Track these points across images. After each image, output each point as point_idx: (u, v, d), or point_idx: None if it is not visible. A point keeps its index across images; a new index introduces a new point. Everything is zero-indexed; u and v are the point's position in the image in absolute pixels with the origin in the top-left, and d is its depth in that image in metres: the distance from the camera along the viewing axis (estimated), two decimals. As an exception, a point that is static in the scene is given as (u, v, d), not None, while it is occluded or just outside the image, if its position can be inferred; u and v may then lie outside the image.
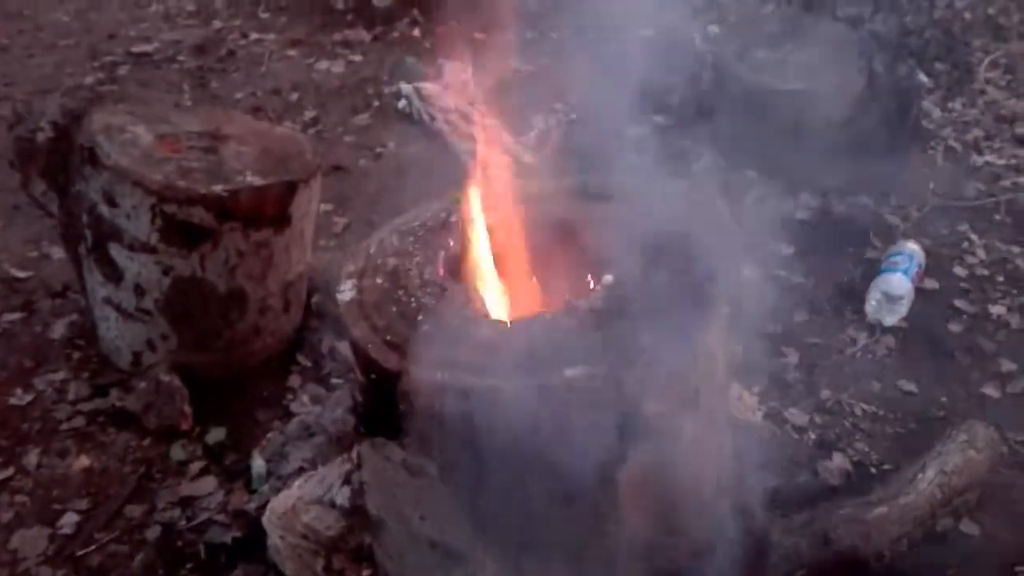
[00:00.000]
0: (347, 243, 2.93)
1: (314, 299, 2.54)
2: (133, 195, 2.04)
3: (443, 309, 1.30)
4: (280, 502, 1.31)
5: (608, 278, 1.32)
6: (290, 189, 2.16)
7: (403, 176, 3.18)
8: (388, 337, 1.30)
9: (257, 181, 2.11)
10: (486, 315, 1.32)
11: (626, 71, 3.82)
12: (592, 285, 1.39)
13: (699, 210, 1.41)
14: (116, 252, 2.14)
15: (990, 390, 2.45)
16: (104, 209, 2.10)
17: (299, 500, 1.25)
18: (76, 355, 2.37)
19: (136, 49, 4.14)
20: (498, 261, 1.43)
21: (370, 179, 3.20)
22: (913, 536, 1.71)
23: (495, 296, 1.39)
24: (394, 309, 1.34)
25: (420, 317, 1.29)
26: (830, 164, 3.22)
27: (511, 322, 1.30)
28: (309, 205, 2.27)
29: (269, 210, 2.14)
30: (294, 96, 3.70)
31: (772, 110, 3.11)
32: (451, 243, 1.45)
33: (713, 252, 1.30)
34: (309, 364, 2.40)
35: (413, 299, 1.35)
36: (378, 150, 3.36)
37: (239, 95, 3.70)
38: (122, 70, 3.92)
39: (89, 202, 2.13)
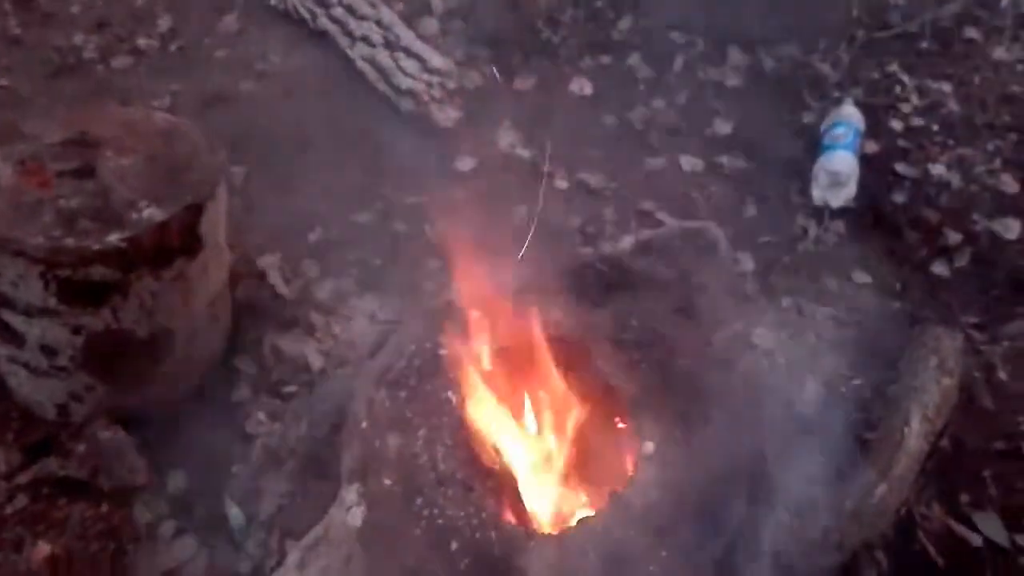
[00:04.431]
0: (253, 199, 2.62)
1: (238, 291, 2.30)
2: (15, 265, 1.73)
3: (475, 527, 1.13)
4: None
5: (648, 446, 1.17)
6: (195, 211, 1.87)
7: (297, 100, 2.80)
8: None
9: (156, 215, 1.80)
10: (527, 528, 1.17)
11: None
12: (627, 437, 1.23)
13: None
14: (10, 317, 1.85)
15: (939, 268, 2.47)
16: (-18, 277, 1.78)
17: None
18: (-10, 412, 2.11)
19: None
20: (509, 420, 1.25)
21: (259, 108, 2.81)
22: (908, 501, 1.76)
23: (526, 488, 1.22)
24: (418, 532, 1.16)
25: (453, 545, 1.12)
26: (756, 12, 3.00)
27: (559, 535, 1.14)
28: (218, 214, 1.98)
29: (176, 240, 1.86)
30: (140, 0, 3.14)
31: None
32: (452, 399, 1.25)
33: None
34: (253, 371, 2.22)
35: (436, 511, 1.17)
36: (259, 67, 2.92)
37: (75, 9, 3.11)
38: (-81, -12, 3.22)
39: (-41, 268, 1.80)
